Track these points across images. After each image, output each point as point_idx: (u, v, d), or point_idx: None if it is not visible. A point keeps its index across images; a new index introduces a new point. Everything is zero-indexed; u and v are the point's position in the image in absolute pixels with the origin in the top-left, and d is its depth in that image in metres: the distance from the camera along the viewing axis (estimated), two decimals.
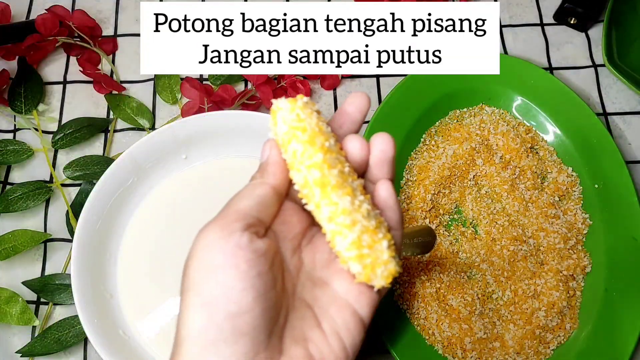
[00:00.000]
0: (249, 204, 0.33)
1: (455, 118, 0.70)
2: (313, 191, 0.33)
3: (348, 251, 0.32)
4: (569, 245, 0.64)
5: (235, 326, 0.30)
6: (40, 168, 0.69)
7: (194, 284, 0.31)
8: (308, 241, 0.36)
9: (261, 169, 0.35)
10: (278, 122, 0.34)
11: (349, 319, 0.33)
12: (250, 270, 0.31)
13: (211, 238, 0.32)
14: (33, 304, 0.63)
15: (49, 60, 0.75)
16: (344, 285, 0.34)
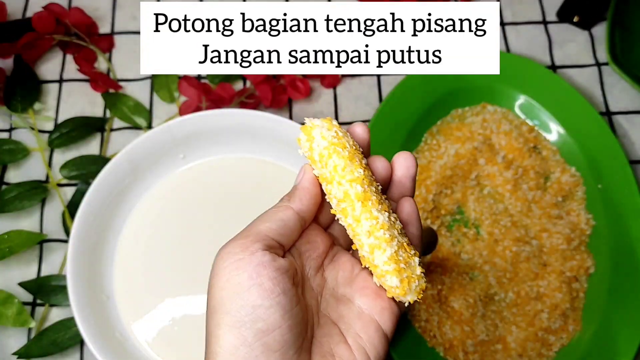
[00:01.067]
0: (271, 227, 0.34)
1: (457, 117, 0.70)
2: (354, 205, 0.34)
3: (387, 265, 0.34)
4: (572, 246, 0.64)
5: (265, 343, 0.31)
6: (36, 168, 0.68)
7: (221, 304, 0.32)
8: (330, 260, 0.37)
9: (291, 192, 0.36)
10: (315, 137, 0.35)
11: (374, 334, 0.35)
12: (275, 288, 0.32)
13: (234, 258, 0.32)
14: (29, 305, 0.63)
15: (45, 58, 0.74)
16: (368, 302, 0.36)
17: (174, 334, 0.59)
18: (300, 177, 0.37)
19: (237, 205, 0.64)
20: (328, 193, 0.36)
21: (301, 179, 0.36)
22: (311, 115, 0.71)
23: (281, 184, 0.64)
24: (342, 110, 0.71)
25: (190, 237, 0.63)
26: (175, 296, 0.61)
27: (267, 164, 0.66)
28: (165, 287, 0.61)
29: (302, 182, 0.36)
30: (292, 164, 0.65)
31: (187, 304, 0.60)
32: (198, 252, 0.62)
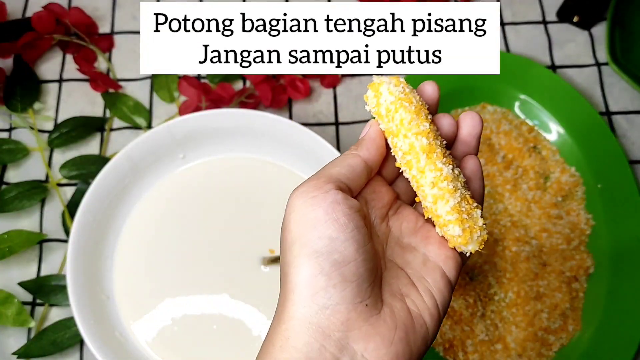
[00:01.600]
0: (341, 171, 0.36)
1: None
2: (419, 157, 0.36)
3: (450, 215, 0.35)
4: (572, 246, 0.64)
5: (342, 273, 0.33)
6: (36, 167, 0.68)
7: (298, 236, 0.34)
8: (394, 212, 0.39)
9: (358, 143, 0.38)
10: (383, 92, 0.37)
11: (439, 280, 0.36)
12: (349, 223, 0.34)
13: (309, 195, 0.34)
14: (29, 305, 0.63)
15: (45, 58, 0.74)
16: (433, 250, 0.37)
17: (174, 334, 0.59)
18: (366, 130, 0.38)
19: (236, 205, 0.64)
20: (394, 146, 0.37)
21: (368, 131, 0.38)
22: (310, 115, 0.71)
23: (281, 184, 0.65)
24: (342, 110, 0.71)
25: (190, 237, 0.63)
26: (175, 296, 0.60)
27: (267, 164, 0.66)
28: (165, 287, 0.61)
29: (369, 133, 0.38)
30: (291, 164, 0.65)
31: (187, 304, 0.60)
32: (198, 252, 0.62)
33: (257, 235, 0.63)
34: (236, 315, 0.60)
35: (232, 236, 0.63)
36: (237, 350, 0.59)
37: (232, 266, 0.61)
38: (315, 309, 0.32)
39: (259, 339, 0.59)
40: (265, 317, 0.59)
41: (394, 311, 0.34)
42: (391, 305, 0.35)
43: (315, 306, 0.32)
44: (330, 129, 0.70)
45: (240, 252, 0.62)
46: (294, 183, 0.64)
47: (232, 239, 0.63)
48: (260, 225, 0.63)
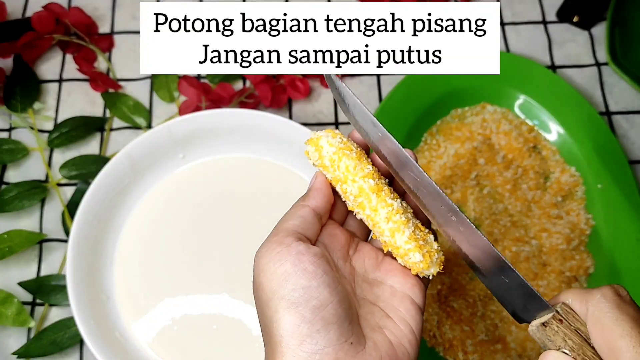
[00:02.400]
0: (295, 223, 0.38)
1: (457, 117, 0.70)
2: (370, 197, 0.38)
3: (408, 244, 0.38)
4: (571, 246, 0.64)
5: (323, 317, 0.34)
6: (36, 167, 0.68)
7: (273, 292, 0.35)
8: (354, 250, 0.41)
9: (306, 194, 0.41)
10: (323, 145, 0.40)
11: (410, 307, 0.38)
12: (317, 270, 0.35)
13: (274, 252, 0.36)
14: (29, 305, 0.63)
15: (45, 58, 0.74)
16: (398, 281, 0.39)
17: (173, 334, 0.59)
18: (312, 181, 0.41)
19: (236, 205, 0.64)
20: (344, 192, 0.40)
21: (314, 182, 0.41)
22: (310, 115, 0.71)
23: (280, 184, 0.65)
24: (341, 110, 0.71)
25: (190, 236, 0.63)
26: (175, 296, 0.60)
27: (267, 163, 0.66)
28: (165, 287, 0.61)
29: (315, 184, 0.41)
30: (291, 164, 0.65)
31: (187, 304, 0.60)
32: (198, 252, 0.62)
33: (257, 235, 0.62)
34: (236, 315, 0.60)
35: (232, 236, 0.63)
36: (237, 350, 0.59)
37: (232, 266, 0.61)
38: (304, 356, 0.33)
39: (259, 339, 0.59)
40: None
41: (377, 344, 0.36)
42: (373, 338, 0.36)
43: (304, 354, 0.33)
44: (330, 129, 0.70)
45: (240, 252, 0.62)
46: (293, 183, 0.64)
47: (232, 239, 0.63)
48: (260, 225, 0.63)
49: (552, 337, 0.34)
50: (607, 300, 0.33)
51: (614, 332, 0.31)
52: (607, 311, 0.32)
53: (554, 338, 0.34)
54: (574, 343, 0.33)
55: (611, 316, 0.32)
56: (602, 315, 0.32)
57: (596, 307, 0.33)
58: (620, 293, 0.33)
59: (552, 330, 0.34)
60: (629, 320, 0.31)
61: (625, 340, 0.31)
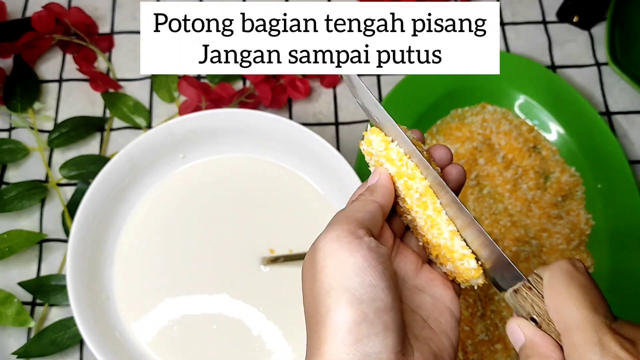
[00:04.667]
0: (365, 217, 0.36)
1: (457, 117, 0.70)
2: (435, 197, 0.37)
3: (465, 249, 0.37)
4: (571, 246, 0.64)
5: (384, 322, 0.33)
6: (36, 167, 0.68)
7: (338, 282, 0.33)
8: (396, 253, 0.40)
9: (370, 189, 0.39)
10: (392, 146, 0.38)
11: (450, 319, 0.38)
12: (386, 271, 0.34)
13: (345, 240, 0.34)
14: (29, 305, 0.63)
15: (45, 58, 0.74)
16: (439, 292, 0.39)
17: (174, 334, 0.59)
18: (376, 177, 0.39)
19: (236, 205, 0.64)
20: (407, 188, 0.38)
21: (380, 178, 0.39)
22: (310, 115, 0.71)
23: (280, 184, 0.65)
24: (341, 110, 0.71)
25: (190, 237, 0.63)
26: (175, 296, 0.60)
27: (267, 163, 0.66)
28: (165, 287, 0.61)
29: (382, 181, 0.39)
30: (291, 164, 0.65)
31: (187, 304, 0.60)
32: (198, 252, 0.62)
33: (257, 235, 0.63)
34: (236, 315, 0.60)
35: (232, 236, 0.63)
36: (237, 350, 0.59)
37: (232, 266, 0.61)
38: (358, 356, 0.32)
39: (259, 339, 0.59)
40: (265, 317, 0.59)
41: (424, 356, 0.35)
42: (420, 349, 0.35)
43: (358, 354, 0.32)
44: (330, 129, 0.70)
45: (240, 252, 0.62)
46: (293, 183, 0.64)
47: (232, 238, 0.63)
48: (260, 225, 0.63)
49: (522, 303, 0.36)
50: (561, 268, 0.35)
51: (562, 295, 0.34)
52: (559, 277, 0.34)
53: (524, 304, 0.35)
54: (540, 309, 0.35)
55: (561, 281, 0.34)
56: (554, 280, 0.34)
57: (551, 273, 0.35)
58: (575, 264, 0.35)
59: (521, 296, 0.36)
60: (576, 284, 0.34)
61: (571, 302, 0.33)
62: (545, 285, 0.35)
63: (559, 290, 0.34)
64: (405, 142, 0.38)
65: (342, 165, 0.59)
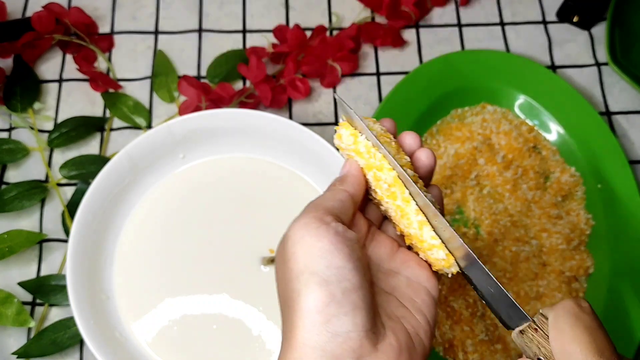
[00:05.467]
0: (335, 205, 0.38)
1: (457, 117, 0.70)
2: (404, 187, 0.38)
3: (434, 239, 0.38)
4: (571, 246, 0.64)
5: (352, 301, 0.34)
6: (36, 167, 0.68)
7: (307, 266, 0.34)
8: (371, 239, 0.41)
9: (341, 180, 0.40)
10: (360, 140, 0.39)
11: (426, 298, 0.39)
12: (352, 253, 0.35)
13: (313, 227, 0.35)
14: (29, 305, 0.62)
15: (45, 58, 0.74)
16: (414, 272, 0.40)
17: (174, 334, 0.59)
18: (346, 168, 0.40)
19: (236, 205, 0.64)
20: (376, 180, 0.39)
21: (349, 168, 0.40)
22: (310, 115, 0.71)
23: (280, 183, 0.65)
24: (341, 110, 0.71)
25: (190, 237, 0.63)
26: (175, 296, 0.60)
27: (267, 163, 0.66)
28: (165, 287, 0.61)
29: (352, 171, 0.40)
30: (291, 164, 0.65)
31: (187, 304, 0.60)
32: (198, 252, 0.62)
33: (257, 235, 0.63)
34: (236, 315, 0.60)
35: (232, 236, 0.63)
36: (237, 350, 0.59)
37: (232, 266, 0.61)
38: (328, 336, 0.33)
39: (259, 339, 0.59)
40: (265, 317, 0.59)
41: (396, 333, 0.36)
42: (392, 328, 0.36)
43: (328, 334, 0.33)
44: (330, 129, 0.70)
45: (240, 252, 0.62)
46: (293, 183, 0.64)
47: (232, 239, 0.63)
48: (260, 225, 0.63)
49: (529, 344, 0.36)
50: (566, 309, 0.35)
51: (567, 337, 0.34)
52: (565, 318, 0.34)
53: (530, 345, 0.36)
54: (547, 351, 0.35)
55: (566, 322, 0.34)
56: (559, 321, 0.35)
57: (556, 314, 0.35)
58: (581, 305, 0.35)
59: (528, 337, 0.36)
60: (581, 326, 0.34)
61: (575, 344, 0.33)
62: (551, 326, 0.35)
63: (564, 331, 0.34)
64: (370, 136, 0.39)
65: None
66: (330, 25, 0.75)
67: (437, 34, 0.76)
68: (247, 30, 0.76)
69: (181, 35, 0.75)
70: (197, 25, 0.76)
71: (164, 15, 0.76)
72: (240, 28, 0.76)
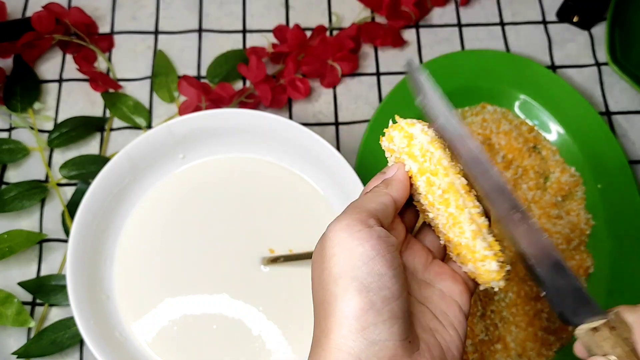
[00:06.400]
0: (377, 208, 0.37)
1: None
2: (459, 194, 0.37)
3: (487, 250, 0.37)
4: (572, 246, 0.64)
5: (391, 310, 0.33)
6: (36, 167, 0.68)
7: (347, 270, 0.34)
8: (406, 247, 0.40)
9: (386, 182, 0.39)
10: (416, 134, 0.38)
11: (457, 313, 0.38)
12: (394, 260, 0.34)
13: (355, 229, 0.34)
14: (29, 305, 0.62)
15: (45, 58, 0.74)
16: (448, 285, 0.39)
17: (174, 334, 0.59)
18: (394, 170, 0.39)
19: (236, 205, 0.64)
20: (429, 185, 0.38)
21: (397, 173, 0.39)
22: (310, 115, 0.71)
23: (280, 184, 0.65)
24: (341, 110, 0.71)
25: (190, 237, 0.63)
26: (175, 296, 0.60)
27: (267, 163, 0.66)
28: (165, 287, 0.61)
29: (398, 175, 0.39)
30: (291, 164, 0.65)
31: (187, 304, 0.60)
32: (198, 252, 0.62)
33: (257, 235, 0.63)
34: (236, 315, 0.60)
35: (232, 236, 0.63)
36: (237, 350, 0.59)
37: (232, 266, 0.61)
38: (365, 343, 0.33)
39: (259, 339, 0.59)
40: (265, 317, 0.59)
41: (429, 346, 0.36)
42: (426, 340, 0.36)
43: (365, 341, 0.33)
44: (330, 129, 0.70)
45: (240, 252, 0.62)
46: (293, 183, 0.64)
47: (232, 238, 0.63)
48: (260, 225, 0.63)
49: (601, 342, 0.34)
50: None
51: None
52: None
53: (603, 344, 0.34)
54: (623, 351, 0.33)
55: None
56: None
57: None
58: None
59: (601, 336, 0.34)
60: None
61: None
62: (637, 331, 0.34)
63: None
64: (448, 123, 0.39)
65: (342, 165, 0.59)
66: (330, 25, 0.75)
67: (437, 34, 0.76)
68: (247, 30, 0.76)
69: (181, 35, 0.75)
70: (197, 25, 0.76)
71: (164, 15, 0.76)
72: (240, 28, 0.76)
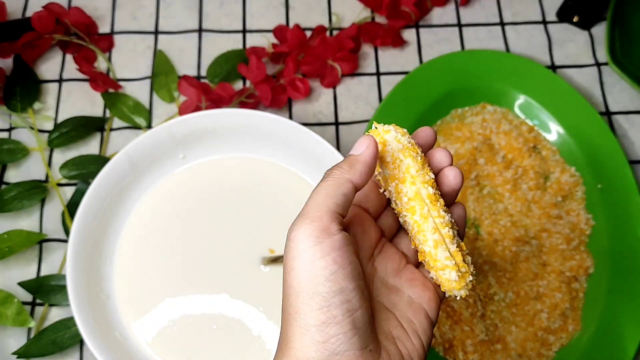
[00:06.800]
0: (337, 203, 0.35)
1: (457, 117, 0.70)
2: (424, 204, 0.37)
3: (448, 260, 0.37)
4: (571, 246, 0.64)
5: (352, 321, 0.34)
6: (36, 167, 0.68)
7: (307, 286, 0.34)
8: (379, 250, 0.40)
9: (350, 162, 0.37)
10: (389, 140, 0.38)
11: (424, 321, 0.38)
12: (354, 271, 0.34)
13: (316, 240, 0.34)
14: (29, 305, 0.62)
15: (45, 58, 0.74)
16: (417, 292, 0.39)
17: (174, 334, 0.59)
18: (362, 148, 0.37)
19: (236, 205, 0.64)
20: (397, 192, 0.38)
21: (365, 152, 0.37)
22: (310, 115, 0.71)
23: (280, 184, 0.65)
24: (341, 110, 0.71)
25: (189, 237, 0.63)
26: (175, 296, 0.60)
27: (267, 163, 0.66)
28: (165, 287, 0.61)
29: (365, 156, 0.37)
30: (291, 164, 0.65)
31: (187, 304, 0.60)
32: (198, 252, 0.62)
33: (257, 235, 0.63)
34: (236, 315, 0.60)
35: (232, 236, 0.63)
36: (237, 350, 0.59)
37: (232, 266, 0.61)
38: (325, 354, 0.33)
39: (259, 339, 0.59)
40: (265, 317, 0.59)
41: (390, 355, 0.36)
42: (387, 349, 0.36)
43: (326, 352, 0.33)
44: (330, 129, 0.70)
45: (240, 252, 0.62)
46: (293, 183, 0.64)
47: (232, 238, 0.63)
48: (260, 225, 0.63)
49: None
50: None
51: None
52: None
53: None
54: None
55: None
56: None
57: None
58: None
59: None
60: None
61: None
62: None
63: None
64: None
65: None
66: (330, 25, 0.75)
67: (437, 34, 0.76)
68: (247, 30, 0.76)
69: (181, 35, 0.75)
70: (197, 25, 0.76)
71: (164, 15, 0.76)
72: (240, 28, 0.76)
